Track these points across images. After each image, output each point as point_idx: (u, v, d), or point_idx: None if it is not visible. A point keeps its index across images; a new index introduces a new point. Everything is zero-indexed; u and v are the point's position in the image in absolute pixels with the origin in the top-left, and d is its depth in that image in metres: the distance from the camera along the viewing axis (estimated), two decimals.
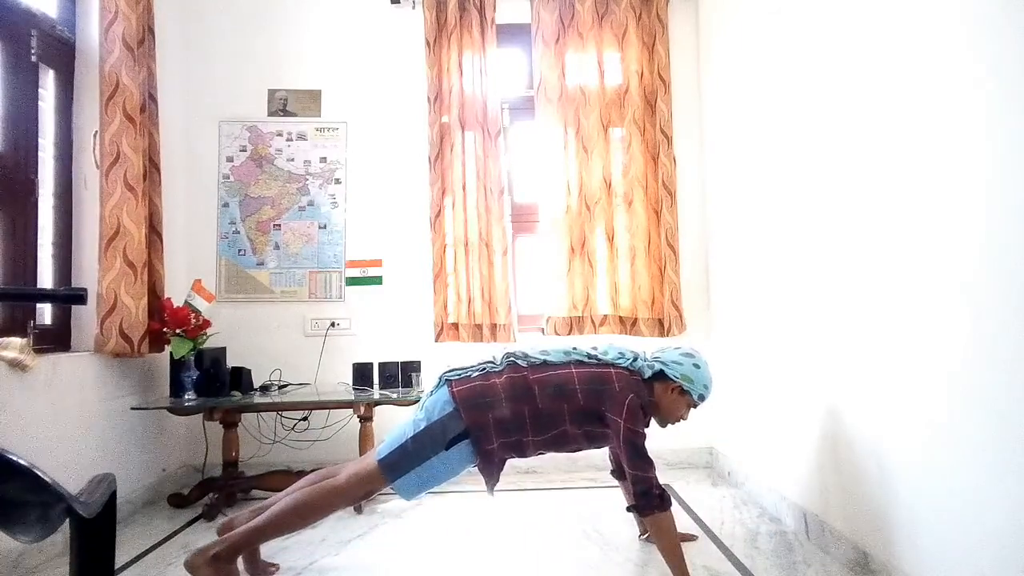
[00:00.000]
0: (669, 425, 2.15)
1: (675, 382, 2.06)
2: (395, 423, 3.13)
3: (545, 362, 2.04)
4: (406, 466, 1.91)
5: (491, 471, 1.98)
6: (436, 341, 3.32)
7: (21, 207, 2.42)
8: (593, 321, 3.35)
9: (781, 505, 2.51)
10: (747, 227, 2.85)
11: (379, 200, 3.43)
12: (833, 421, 2.14)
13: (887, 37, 1.79)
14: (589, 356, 2.07)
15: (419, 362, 3.00)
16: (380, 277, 3.42)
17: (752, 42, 2.74)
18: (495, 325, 3.33)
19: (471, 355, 3.31)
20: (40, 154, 2.53)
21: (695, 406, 2.12)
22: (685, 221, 3.43)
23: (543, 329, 3.39)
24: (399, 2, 3.45)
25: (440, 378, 2.08)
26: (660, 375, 2.07)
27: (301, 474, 2.85)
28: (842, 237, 2.05)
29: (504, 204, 3.40)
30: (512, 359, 2.06)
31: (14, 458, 0.95)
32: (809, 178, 2.26)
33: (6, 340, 2.12)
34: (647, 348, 2.23)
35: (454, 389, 1.98)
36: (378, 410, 2.92)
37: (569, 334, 3.34)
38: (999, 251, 1.41)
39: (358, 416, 2.84)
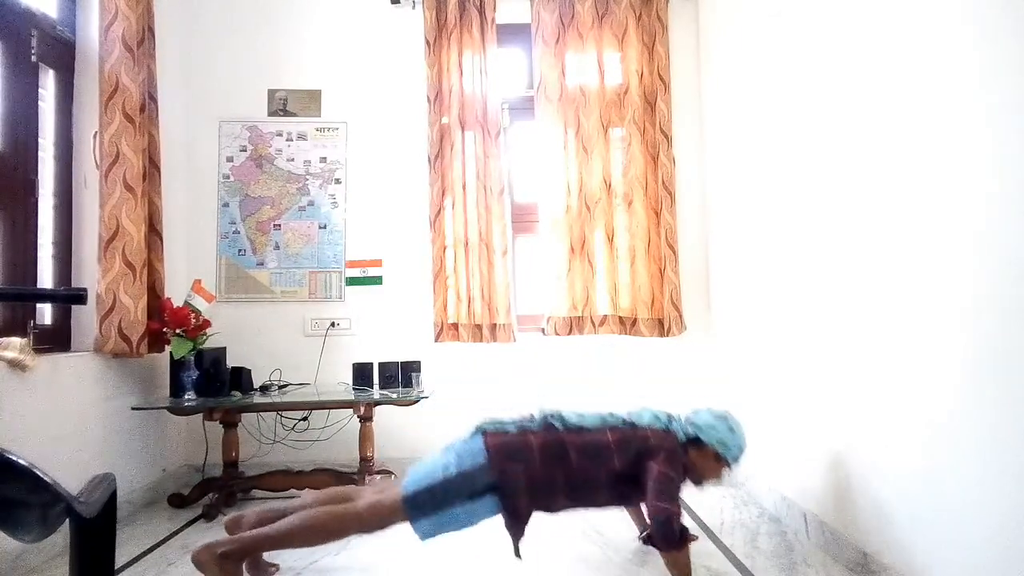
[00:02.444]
0: (705, 485, 2.13)
1: (710, 447, 2.04)
2: (395, 423, 3.17)
3: (581, 426, 2.03)
4: (429, 509, 1.88)
5: (518, 528, 1.93)
6: (436, 341, 3.32)
7: (21, 207, 2.42)
8: (593, 321, 3.35)
9: (781, 505, 2.51)
10: (747, 227, 2.85)
11: (379, 200, 3.43)
12: (833, 421, 2.14)
13: (887, 39, 1.79)
14: (624, 422, 2.06)
15: (419, 362, 3.00)
16: (380, 277, 3.41)
17: (752, 43, 2.74)
18: (495, 325, 3.33)
19: (473, 355, 3.34)
20: (40, 154, 2.53)
21: (730, 469, 2.10)
22: (685, 221, 3.43)
23: (543, 329, 3.39)
24: (399, 2, 3.44)
25: (476, 427, 2.05)
26: (695, 440, 2.06)
27: (301, 474, 2.87)
28: (842, 237, 2.05)
29: (504, 204, 3.40)
30: (549, 420, 2.05)
31: (14, 458, 0.95)
32: (808, 178, 2.26)
33: (6, 340, 2.12)
34: (680, 410, 2.19)
35: (488, 441, 1.96)
36: (378, 410, 2.92)
37: (569, 334, 3.34)
38: (999, 250, 1.41)
39: (358, 416, 2.84)
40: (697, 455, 2.05)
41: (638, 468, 1.94)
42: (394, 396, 2.83)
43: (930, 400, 1.65)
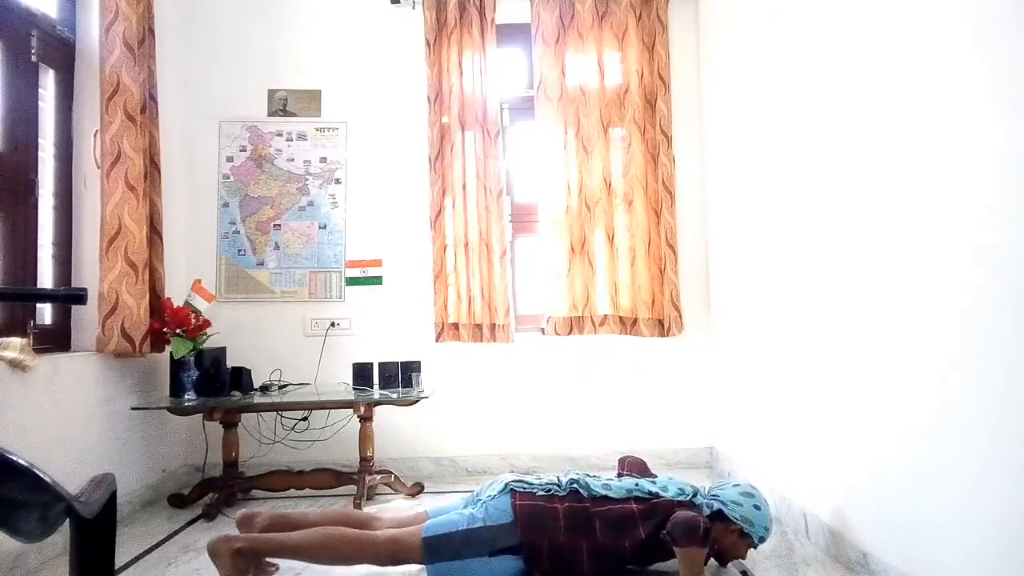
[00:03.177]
0: (728, 564, 2.11)
1: (735, 524, 2.02)
2: (395, 423, 3.17)
3: (606, 496, 2.02)
4: (447, 555, 1.90)
5: None
6: (436, 341, 3.32)
7: (21, 207, 2.42)
8: (593, 321, 3.35)
9: (781, 505, 2.51)
10: (747, 227, 2.85)
11: (379, 200, 3.43)
12: (833, 421, 2.13)
13: (887, 38, 1.79)
14: (650, 493, 2.05)
15: (419, 362, 3.00)
16: (380, 277, 3.41)
17: (752, 43, 2.74)
18: (495, 325, 3.33)
19: (473, 355, 3.34)
20: (40, 154, 2.53)
21: (755, 547, 2.07)
22: (685, 221, 3.43)
23: (543, 329, 3.39)
24: (399, 2, 3.44)
25: (505, 484, 2.05)
26: (719, 515, 2.03)
27: (301, 474, 2.87)
28: (842, 236, 2.05)
29: (504, 204, 3.40)
30: (575, 487, 2.04)
31: (14, 458, 0.95)
32: (808, 178, 2.26)
33: (6, 340, 2.12)
34: (705, 484, 2.18)
35: (517, 502, 1.96)
36: (378, 410, 2.92)
37: (569, 334, 3.34)
38: (999, 249, 1.41)
39: (358, 416, 2.84)
40: (722, 531, 2.01)
41: (662, 530, 1.92)
42: (394, 396, 2.83)
43: (930, 400, 1.65)
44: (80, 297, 1.15)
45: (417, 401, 2.83)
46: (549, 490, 2.03)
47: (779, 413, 2.55)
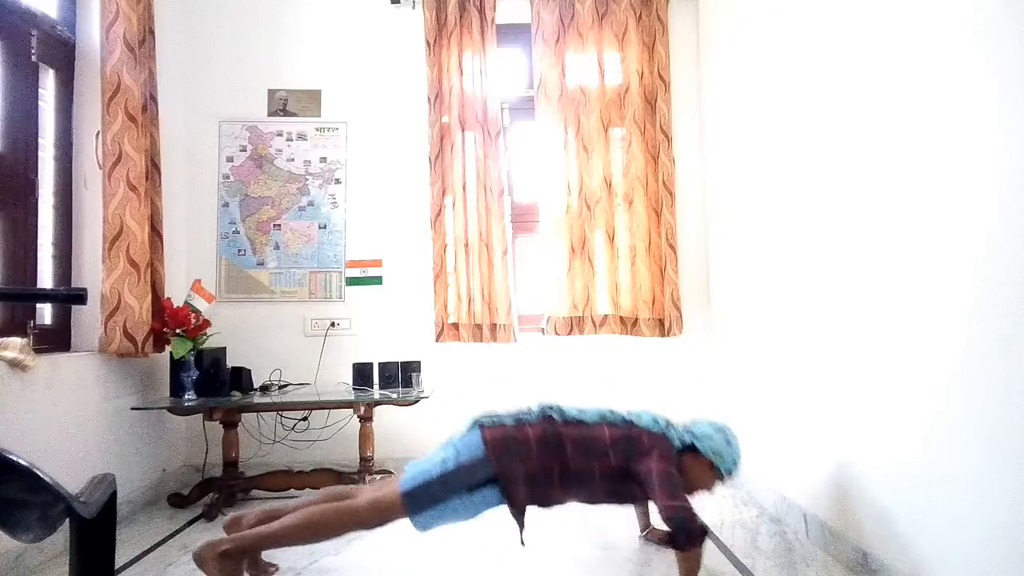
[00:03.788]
0: (695, 494, 2.11)
1: (705, 457, 2.04)
2: (395, 423, 3.17)
3: (579, 420, 2.04)
4: (428, 502, 1.90)
5: (518, 520, 1.95)
6: (436, 341, 3.32)
7: (21, 207, 2.42)
8: (593, 321, 3.35)
9: (781, 505, 2.51)
10: (747, 226, 2.85)
11: (379, 200, 3.43)
12: (833, 421, 2.13)
13: (887, 37, 1.79)
14: (624, 420, 2.07)
15: (419, 362, 3.00)
16: (380, 277, 3.41)
17: (752, 43, 2.74)
18: (495, 325, 3.33)
19: (472, 355, 3.34)
20: (40, 154, 2.53)
21: (723, 480, 2.09)
22: (685, 221, 3.43)
23: (543, 329, 3.39)
24: (399, 2, 3.44)
25: (473, 421, 2.07)
26: (691, 448, 2.06)
27: (301, 474, 2.87)
28: (842, 236, 2.05)
29: (504, 204, 3.40)
30: (548, 413, 2.06)
31: (14, 458, 0.95)
32: (809, 178, 2.26)
33: (6, 340, 2.12)
34: (679, 416, 2.20)
35: (486, 435, 1.97)
36: (378, 410, 2.92)
37: (569, 334, 3.34)
38: (999, 249, 1.41)
39: (358, 416, 2.84)
40: (691, 463, 2.04)
41: (632, 466, 1.95)
42: (394, 396, 2.83)
43: (930, 400, 1.65)
44: (80, 297, 1.15)
45: (417, 401, 2.83)
46: (518, 419, 2.04)
47: (780, 412, 2.55)
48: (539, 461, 1.93)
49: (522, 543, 1.94)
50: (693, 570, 1.88)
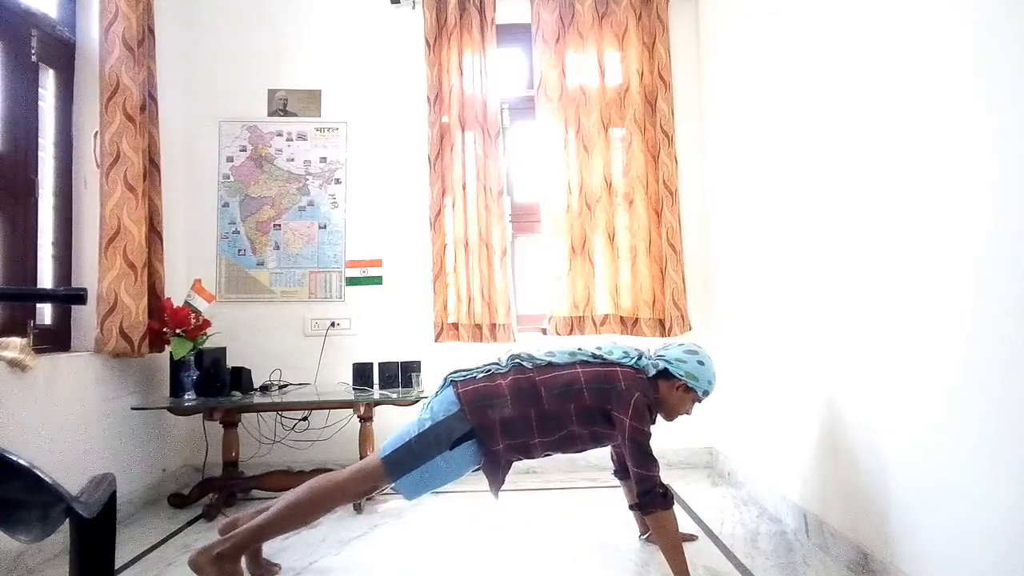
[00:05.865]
0: (676, 419, 2.17)
1: (680, 380, 2.07)
2: (395, 423, 3.16)
3: (550, 363, 2.05)
4: (410, 465, 1.91)
5: (496, 473, 1.98)
6: (436, 341, 3.32)
7: (21, 207, 2.42)
8: (594, 321, 3.35)
9: (781, 505, 2.51)
10: (748, 226, 2.85)
11: (379, 200, 3.43)
12: (834, 421, 2.13)
13: (887, 37, 1.79)
14: (594, 356, 2.08)
15: (419, 362, 3.00)
16: (380, 277, 3.41)
17: (752, 42, 2.74)
18: (495, 325, 3.33)
19: (472, 355, 3.33)
20: (40, 154, 2.53)
21: (700, 401, 2.13)
22: (686, 220, 3.43)
23: (544, 329, 3.39)
24: (399, 2, 3.44)
25: (445, 379, 2.09)
26: (665, 373, 2.08)
27: (301, 474, 2.87)
28: (843, 237, 2.04)
29: (504, 204, 3.40)
30: (517, 361, 2.07)
31: (14, 458, 0.95)
32: (810, 177, 2.26)
33: (6, 340, 2.12)
34: (651, 345, 2.23)
35: (459, 390, 1.98)
36: (378, 410, 2.92)
37: (570, 334, 3.33)
38: (1000, 249, 1.41)
39: (358, 416, 2.84)
40: (667, 388, 2.07)
41: (607, 408, 1.96)
42: (394, 396, 2.83)
43: (930, 400, 1.65)
44: (80, 297, 1.15)
45: (417, 401, 2.83)
46: (489, 371, 2.06)
47: (780, 413, 2.55)
48: (515, 408, 1.94)
49: (495, 495, 1.98)
50: (672, 547, 1.89)
